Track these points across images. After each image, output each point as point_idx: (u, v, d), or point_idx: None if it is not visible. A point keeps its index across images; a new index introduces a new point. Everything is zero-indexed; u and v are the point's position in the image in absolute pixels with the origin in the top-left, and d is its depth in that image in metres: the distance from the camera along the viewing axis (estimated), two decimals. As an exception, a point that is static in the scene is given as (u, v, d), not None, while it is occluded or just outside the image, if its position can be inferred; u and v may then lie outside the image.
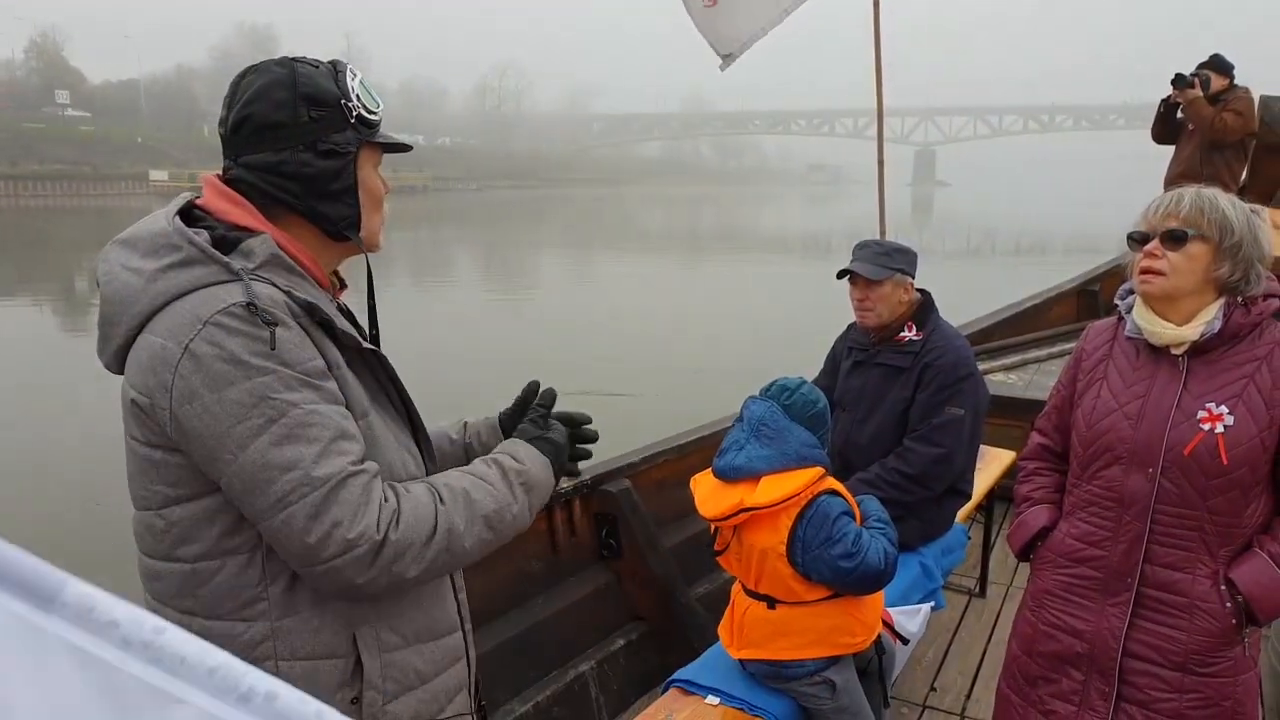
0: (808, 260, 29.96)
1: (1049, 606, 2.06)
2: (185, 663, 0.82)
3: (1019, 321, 6.78)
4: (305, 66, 1.39)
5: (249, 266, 1.30)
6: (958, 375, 2.96)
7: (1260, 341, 1.85)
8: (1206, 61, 6.37)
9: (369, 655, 1.38)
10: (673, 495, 3.72)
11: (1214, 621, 1.87)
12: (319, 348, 1.31)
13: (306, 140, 1.36)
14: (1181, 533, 1.89)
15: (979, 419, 3.05)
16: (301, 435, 1.25)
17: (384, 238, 1.51)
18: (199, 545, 1.31)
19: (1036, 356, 6.05)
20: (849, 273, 3.02)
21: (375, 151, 1.46)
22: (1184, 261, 1.82)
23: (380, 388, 1.45)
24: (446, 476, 1.43)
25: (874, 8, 4.86)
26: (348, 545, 1.25)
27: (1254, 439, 1.82)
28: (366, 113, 1.40)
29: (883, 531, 2.20)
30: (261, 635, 1.33)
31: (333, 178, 1.39)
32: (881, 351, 3.08)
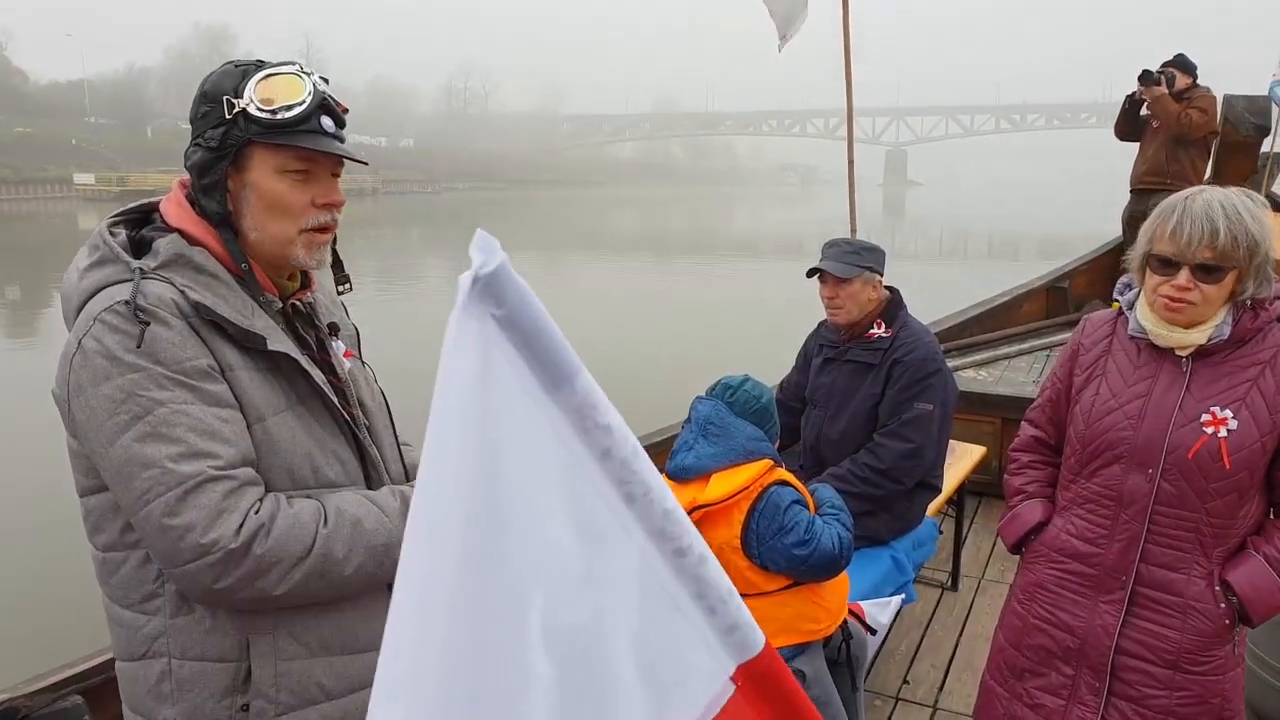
0: (779, 260, 30.18)
1: (1040, 600, 2.09)
2: (649, 495, 0.95)
3: (989, 318, 6.93)
4: (227, 66, 1.44)
5: (150, 265, 1.35)
6: (926, 371, 3.06)
7: (1264, 344, 1.87)
8: (1171, 61, 6.57)
9: (261, 663, 1.37)
10: None
11: (1208, 622, 1.91)
12: (211, 348, 1.33)
13: (195, 135, 1.42)
14: (1178, 533, 1.92)
15: (948, 414, 3.15)
16: (164, 434, 1.26)
17: (313, 254, 1.46)
18: (106, 535, 1.38)
19: (1006, 353, 6.21)
20: (819, 271, 3.12)
21: (277, 153, 1.40)
22: (1217, 292, 1.83)
23: (303, 391, 1.43)
24: (343, 499, 1.40)
25: (843, 8, 4.97)
26: (201, 550, 1.25)
27: (1256, 443, 1.84)
28: (258, 110, 1.36)
29: (836, 517, 2.26)
30: (158, 631, 1.37)
31: (203, 171, 1.40)
32: (851, 348, 3.18)
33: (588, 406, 0.88)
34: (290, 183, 1.41)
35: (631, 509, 0.94)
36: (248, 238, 1.43)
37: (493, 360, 0.79)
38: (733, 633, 1.06)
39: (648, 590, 0.97)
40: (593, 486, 0.91)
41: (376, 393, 1.67)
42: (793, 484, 2.25)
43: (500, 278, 0.78)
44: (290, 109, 1.37)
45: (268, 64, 1.42)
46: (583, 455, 0.89)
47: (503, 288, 0.79)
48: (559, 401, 0.86)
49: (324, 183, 1.45)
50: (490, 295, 0.78)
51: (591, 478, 0.90)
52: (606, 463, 0.90)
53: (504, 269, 0.78)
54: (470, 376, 0.78)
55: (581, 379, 0.87)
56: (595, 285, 24.46)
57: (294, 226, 1.43)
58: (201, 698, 1.37)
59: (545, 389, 0.85)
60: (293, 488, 1.39)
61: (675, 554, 0.99)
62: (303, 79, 1.41)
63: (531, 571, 0.85)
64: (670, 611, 1.00)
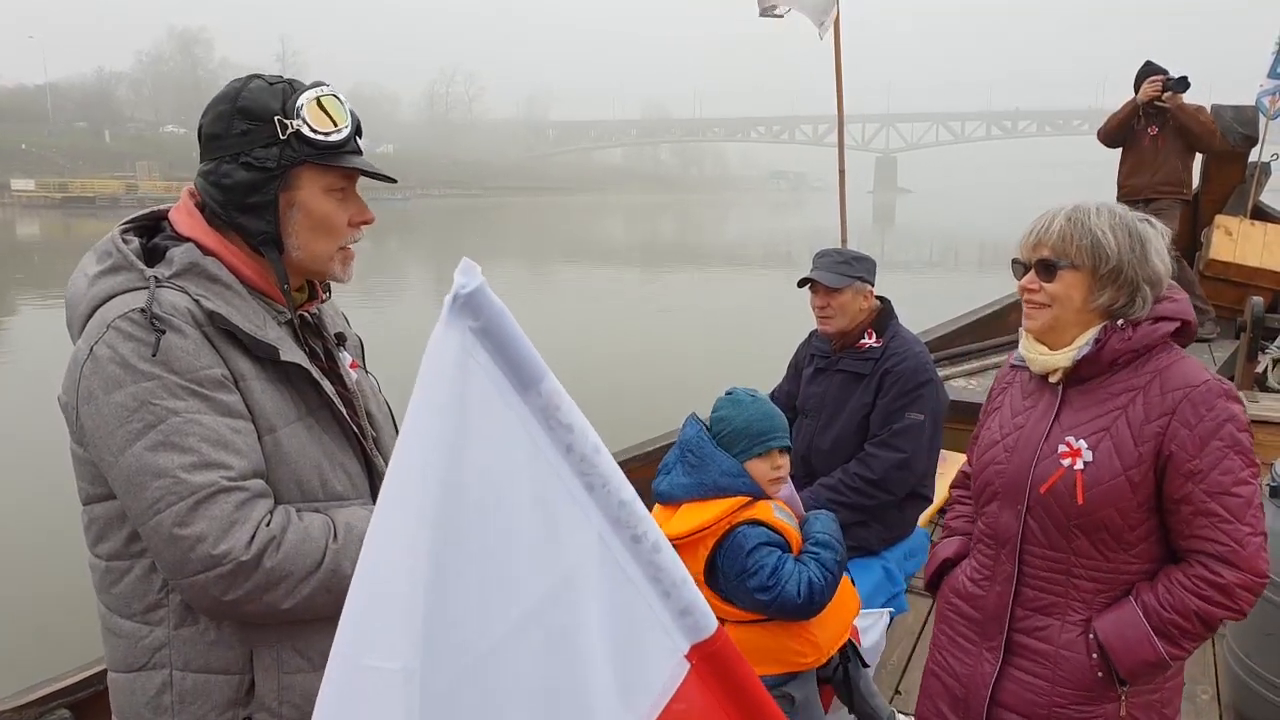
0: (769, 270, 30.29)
1: (939, 645, 2.03)
2: (606, 487, 1.09)
3: (979, 327, 7.01)
4: (259, 83, 1.45)
5: (164, 274, 1.37)
6: (917, 381, 3.12)
7: (1142, 370, 1.74)
8: (1152, 69, 6.63)
9: (264, 676, 1.38)
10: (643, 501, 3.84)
11: (1076, 673, 1.77)
12: (224, 357, 1.35)
13: (232, 152, 1.42)
14: (1049, 575, 1.80)
15: (939, 424, 3.21)
16: (177, 444, 1.27)
17: (347, 269, 1.54)
18: (111, 544, 1.39)
19: (996, 362, 6.27)
20: (810, 281, 3.18)
21: (326, 173, 1.46)
22: (1059, 289, 1.75)
23: (313, 402, 1.46)
24: (352, 515, 1.42)
25: (834, 20, 5.05)
26: (211, 562, 1.26)
27: (1117, 477, 1.70)
28: (312, 131, 1.41)
29: (816, 557, 2.15)
30: (160, 641, 1.37)
31: (250, 190, 1.42)
32: (842, 358, 3.24)
33: (552, 407, 1.03)
34: (334, 203, 1.48)
35: (591, 497, 1.08)
36: (290, 256, 1.47)
37: (469, 366, 0.95)
38: (686, 615, 1.18)
39: (607, 572, 1.10)
40: (556, 476, 1.05)
41: (382, 403, 1.69)
42: (767, 522, 2.16)
43: (478, 296, 0.95)
44: (340, 131, 1.44)
45: (299, 83, 1.46)
46: (548, 449, 1.04)
47: (479, 304, 0.95)
48: (528, 401, 1.01)
49: (357, 202, 1.52)
50: (469, 310, 0.95)
51: (555, 468, 1.05)
52: (569, 456, 1.05)
53: (482, 289, 0.95)
54: (447, 379, 0.93)
55: (547, 382, 1.02)
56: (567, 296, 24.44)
57: (335, 244, 1.50)
58: (203, 710, 1.38)
59: (516, 390, 1.00)
60: (301, 499, 1.40)
61: (632, 540, 1.12)
62: (342, 101, 1.46)
63: (500, 546, 0.99)
64: (628, 593, 1.12)
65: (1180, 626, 1.69)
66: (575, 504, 1.07)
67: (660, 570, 1.15)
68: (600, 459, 1.08)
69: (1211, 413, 1.67)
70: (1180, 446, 1.67)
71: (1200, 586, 1.68)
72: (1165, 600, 1.70)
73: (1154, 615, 1.71)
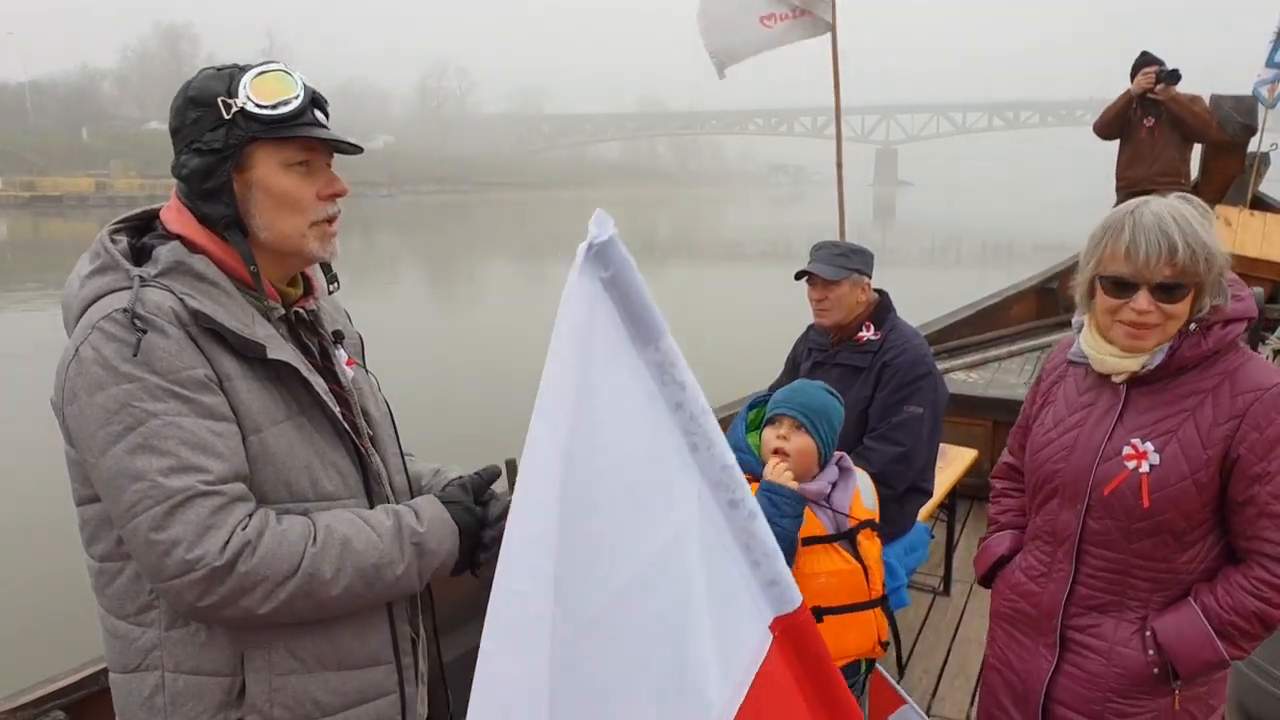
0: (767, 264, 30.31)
1: (997, 639, 2.06)
2: (711, 449, 1.15)
3: (979, 320, 7.05)
4: (208, 71, 1.46)
5: (150, 273, 1.37)
6: (916, 374, 3.14)
7: (1210, 372, 1.73)
8: (1147, 60, 6.67)
9: (256, 677, 1.39)
10: None
11: (1132, 669, 1.81)
12: (209, 357, 1.35)
13: (187, 141, 1.42)
14: (1107, 575, 1.83)
15: (938, 417, 3.23)
16: (155, 447, 1.27)
17: (327, 245, 1.51)
18: (103, 545, 1.40)
19: (997, 355, 6.32)
20: (807, 273, 3.20)
21: (280, 148, 1.44)
22: (1180, 310, 1.71)
23: (304, 401, 1.45)
24: (334, 517, 1.42)
25: (831, 9, 5.07)
26: (185, 566, 1.26)
27: (1184, 481, 1.71)
28: (257, 107, 1.40)
29: None
30: (153, 643, 1.38)
31: (204, 176, 1.41)
32: (840, 352, 3.26)
33: (668, 364, 1.10)
34: (296, 177, 1.45)
35: (695, 457, 1.14)
36: (258, 238, 1.45)
37: (596, 315, 1.02)
38: (773, 586, 1.23)
39: (705, 532, 1.16)
40: (667, 432, 1.12)
41: (381, 402, 1.69)
42: None
43: (609, 248, 1.01)
44: (288, 103, 1.42)
45: (250, 65, 1.45)
46: (660, 404, 1.11)
47: (610, 256, 1.01)
48: (645, 356, 1.08)
49: (325, 174, 1.49)
50: (600, 261, 1.01)
51: (666, 423, 1.11)
52: (678, 414, 1.12)
53: (614, 241, 1.01)
54: (580, 327, 1.00)
55: (665, 340, 1.09)
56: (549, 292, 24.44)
57: (304, 220, 1.47)
58: (195, 711, 1.39)
59: (635, 344, 1.07)
60: (290, 500, 1.40)
61: (729, 505, 1.18)
62: (292, 75, 1.45)
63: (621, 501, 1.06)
64: (721, 554, 1.18)
65: (1240, 628, 1.72)
66: (682, 463, 1.13)
67: (753, 538, 1.20)
68: (707, 420, 1.13)
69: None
70: (1250, 450, 1.68)
71: (1260, 588, 1.70)
72: (1225, 602, 1.72)
73: (1214, 617, 1.73)
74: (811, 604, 2.14)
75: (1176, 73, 6.50)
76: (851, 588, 2.21)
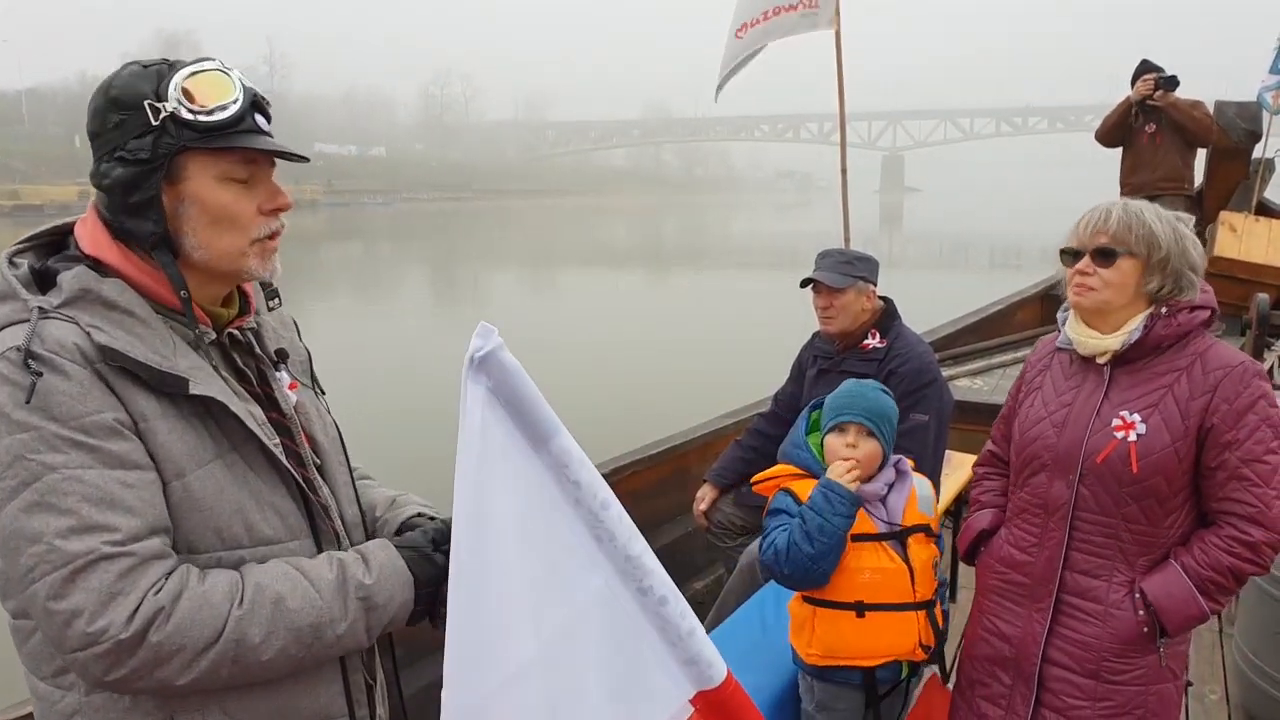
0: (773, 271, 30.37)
1: (986, 610, 2.20)
2: (614, 541, 1.22)
3: (983, 327, 7.12)
4: (132, 68, 1.31)
5: (52, 303, 1.23)
6: (921, 381, 3.20)
7: (1184, 352, 1.97)
8: (1146, 67, 6.77)
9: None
10: (642, 506, 3.94)
11: (1125, 628, 1.98)
12: (121, 397, 1.21)
13: (108, 149, 1.28)
14: (1100, 540, 2.01)
15: (943, 424, 3.29)
16: (53, 504, 1.14)
17: (268, 263, 1.38)
18: (14, 602, 1.25)
19: (1001, 361, 6.39)
20: (812, 281, 3.27)
21: (217, 159, 1.29)
22: (1115, 276, 1.97)
23: (243, 435, 1.31)
24: (266, 572, 1.27)
25: (835, 13, 5.13)
26: (87, 640, 1.13)
27: (1167, 449, 1.93)
28: (189, 112, 1.25)
29: (784, 525, 2.26)
30: (73, 707, 1.25)
31: (129, 189, 1.27)
32: (846, 359, 3.33)
33: (561, 465, 1.18)
34: (235, 191, 1.31)
35: (600, 549, 1.22)
36: (190, 257, 1.31)
37: (489, 420, 1.11)
38: (692, 664, 1.30)
39: (615, 617, 1.23)
40: (569, 526, 1.20)
41: (329, 425, 1.55)
42: (798, 496, 2.31)
43: (491, 359, 1.09)
44: (225, 109, 1.27)
45: (180, 62, 1.31)
46: (559, 501, 1.19)
47: (493, 365, 1.09)
48: (541, 457, 1.16)
49: (267, 186, 1.35)
50: (484, 371, 1.09)
51: (568, 519, 1.20)
52: (578, 509, 1.20)
53: (496, 352, 1.08)
54: (474, 430, 1.09)
55: (557, 441, 1.17)
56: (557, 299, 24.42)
57: (245, 238, 1.33)
58: None
59: (530, 445, 1.16)
60: (223, 548, 1.28)
61: (638, 592, 1.25)
62: (229, 75, 1.30)
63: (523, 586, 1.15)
64: (634, 638, 1.26)
65: (1218, 583, 1.93)
66: (586, 551, 1.21)
67: (667, 622, 1.27)
68: (608, 514, 1.21)
69: (1248, 390, 1.92)
70: (1221, 419, 1.91)
71: (1232, 545, 1.92)
72: (1203, 560, 1.94)
73: (1194, 574, 1.94)
74: (854, 598, 2.24)
75: (1175, 79, 6.59)
76: (895, 587, 2.26)
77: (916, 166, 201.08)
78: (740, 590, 3.23)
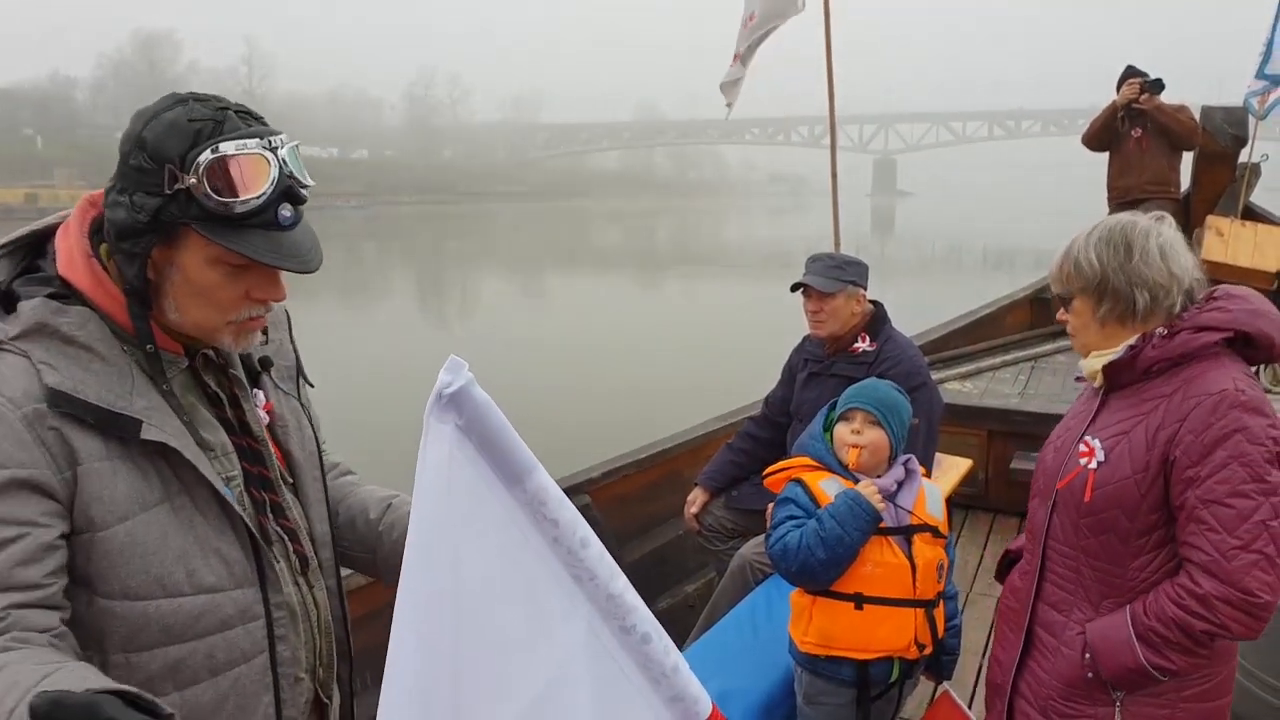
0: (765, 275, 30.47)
1: (996, 635, 2.19)
2: (594, 580, 1.18)
3: (973, 330, 7.20)
4: (180, 110, 1.24)
5: (8, 334, 1.21)
6: (911, 384, 3.24)
7: (1175, 378, 1.80)
8: (1132, 72, 6.88)
9: None
10: (634, 509, 4.00)
11: (1069, 671, 1.89)
12: (64, 434, 1.18)
13: (122, 184, 1.24)
14: (1063, 572, 1.94)
15: (933, 427, 3.35)
16: None
17: (241, 341, 1.34)
18: None
19: (991, 365, 6.46)
20: (802, 285, 3.34)
21: (210, 244, 1.23)
22: (1075, 318, 1.94)
23: (194, 478, 1.28)
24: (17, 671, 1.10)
25: (824, 13, 5.22)
26: None
27: (1126, 480, 1.80)
28: (205, 196, 1.19)
29: (801, 525, 2.29)
30: None
31: (123, 234, 1.23)
32: (836, 362, 3.39)
33: (538, 502, 1.13)
34: (223, 274, 1.27)
35: (580, 588, 1.19)
36: (165, 314, 1.29)
37: (457, 460, 1.03)
38: (677, 702, 1.29)
39: (596, 657, 1.20)
40: (545, 566, 1.15)
41: (308, 438, 1.51)
42: (810, 487, 2.36)
43: (461, 395, 1.02)
44: (246, 203, 1.21)
45: (228, 124, 1.23)
46: (536, 540, 1.14)
47: (463, 402, 1.02)
48: (515, 495, 1.11)
49: (265, 274, 1.30)
50: (454, 407, 1.02)
51: (544, 559, 1.15)
52: (556, 548, 1.15)
53: (466, 388, 1.02)
54: (441, 472, 1.01)
55: (534, 478, 1.12)
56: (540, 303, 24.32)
57: (221, 318, 1.30)
58: None
59: (503, 484, 1.10)
60: (163, 596, 1.25)
61: (620, 630, 1.23)
62: (269, 159, 1.23)
63: (496, 644, 1.09)
64: (617, 677, 1.23)
65: (1160, 634, 1.75)
66: (565, 594, 1.16)
67: (649, 660, 1.25)
68: (587, 553, 1.17)
69: (1221, 421, 1.71)
70: (1184, 452, 1.74)
71: (1181, 595, 1.73)
72: (1151, 606, 1.78)
73: (1138, 620, 1.78)
74: (854, 589, 2.27)
75: (1160, 82, 6.70)
76: (896, 582, 2.30)
77: (909, 170, 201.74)
78: (732, 593, 3.28)
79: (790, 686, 2.52)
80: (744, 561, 3.30)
